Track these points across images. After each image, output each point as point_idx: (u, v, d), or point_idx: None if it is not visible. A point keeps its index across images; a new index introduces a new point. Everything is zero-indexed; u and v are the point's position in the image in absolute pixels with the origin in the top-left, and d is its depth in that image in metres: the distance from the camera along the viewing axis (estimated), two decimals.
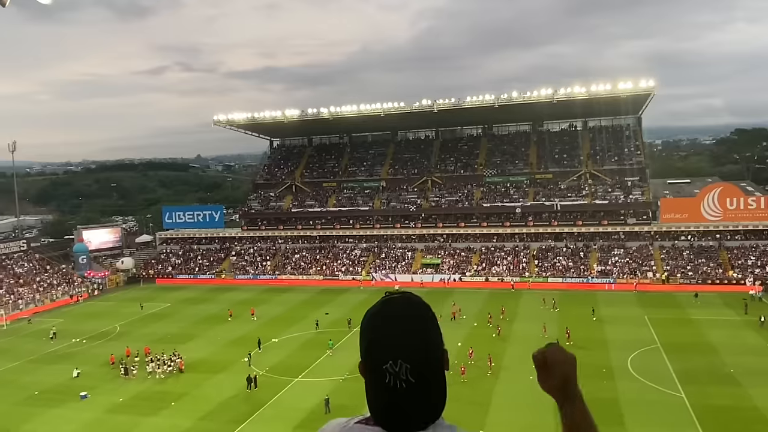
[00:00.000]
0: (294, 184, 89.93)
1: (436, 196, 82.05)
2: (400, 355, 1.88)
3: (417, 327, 1.95)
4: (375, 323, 1.96)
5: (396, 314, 1.96)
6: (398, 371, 1.87)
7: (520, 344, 45.38)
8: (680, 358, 41.05)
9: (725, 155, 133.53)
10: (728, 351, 42.26)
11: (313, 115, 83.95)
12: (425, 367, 1.91)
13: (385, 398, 1.90)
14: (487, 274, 71.33)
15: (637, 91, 71.17)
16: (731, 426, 30.54)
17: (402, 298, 2.01)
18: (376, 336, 1.94)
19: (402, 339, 1.91)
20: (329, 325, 53.61)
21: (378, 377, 1.90)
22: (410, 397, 1.88)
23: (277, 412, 35.17)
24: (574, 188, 77.30)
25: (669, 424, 31.35)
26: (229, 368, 43.43)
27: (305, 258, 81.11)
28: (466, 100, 77.79)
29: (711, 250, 68.25)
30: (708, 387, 35.81)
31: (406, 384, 1.87)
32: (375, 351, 1.92)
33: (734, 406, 32.95)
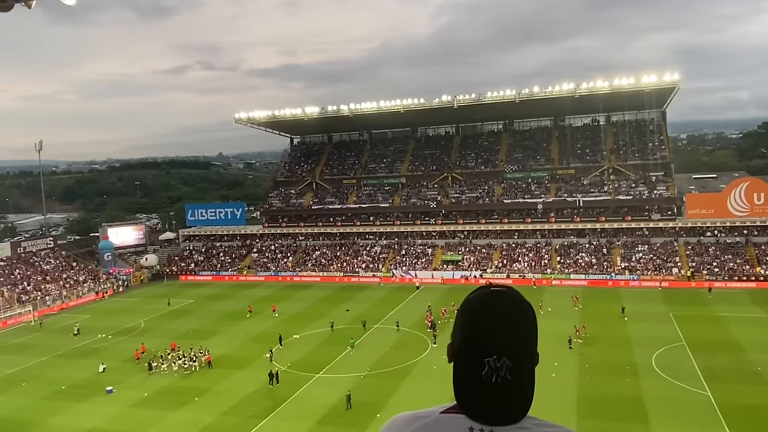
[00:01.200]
0: (314, 181, 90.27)
1: (457, 193, 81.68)
2: (505, 352, 1.88)
3: (523, 325, 1.95)
4: (484, 313, 1.94)
5: (505, 309, 1.95)
6: (499, 366, 1.86)
7: (541, 341, 44.93)
8: (706, 355, 40.34)
9: (752, 149, 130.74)
10: (755, 349, 41.42)
11: (332, 112, 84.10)
12: (524, 366, 1.92)
13: (478, 390, 1.90)
14: (508, 270, 70.84)
15: (662, 85, 69.95)
16: (760, 425, 29.93)
17: (510, 293, 2.00)
18: (483, 327, 1.92)
19: (509, 336, 1.90)
20: (349, 323, 53.74)
21: (476, 368, 1.89)
22: (504, 392, 1.88)
23: (298, 408, 35.39)
24: (596, 184, 76.34)
25: (694, 422, 30.85)
26: (251, 364, 43.80)
27: (326, 255, 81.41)
28: (486, 96, 77.22)
29: (738, 246, 66.91)
30: (734, 385, 35.15)
31: (502, 380, 1.87)
32: (480, 342, 1.90)
33: (762, 405, 32.30)
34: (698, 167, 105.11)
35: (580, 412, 32.70)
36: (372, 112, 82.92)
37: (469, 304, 1.99)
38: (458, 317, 2.00)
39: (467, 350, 1.93)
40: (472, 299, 2.00)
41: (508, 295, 1.99)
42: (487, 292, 2.00)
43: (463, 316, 1.98)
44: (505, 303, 1.97)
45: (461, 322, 1.98)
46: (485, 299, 1.98)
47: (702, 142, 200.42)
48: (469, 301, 2.00)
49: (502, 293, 1.99)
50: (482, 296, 1.99)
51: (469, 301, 2.00)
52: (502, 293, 1.99)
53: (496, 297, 1.98)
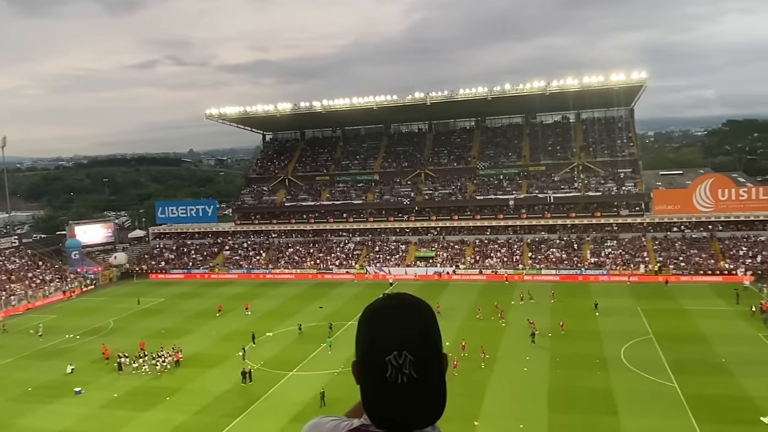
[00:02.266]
0: (287, 178, 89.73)
1: (430, 189, 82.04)
2: (405, 347, 1.84)
3: (419, 321, 1.93)
4: (377, 316, 1.93)
5: (399, 308, 1.94)
6: (402, 363, 1.82)
7: (513, 336, 45.58)
8: (673, 348, 41.35)
9: (717, 147, 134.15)
10: (720, 341, 42.60)
11: (305, 108, 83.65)
12: (427, 361, 1.87)
13: (385, 395, 1.84)
14: (480, 266, 71.49)
15: (630, 83, 71.29)
16: (724, 415, 30.80)
17: (403, 295, 2.01)
18: (378, 328, 1.90)
19: (405, 331, 1.88)
20: (322, 319, 53.62)
21: (379, 371, 1.84)
22: (411, 393, 1.83)
23: (272, 406, 35.22)
24: (567, 180, 77.48)
25: (662, 413, 31.60)
26: (223, 362, 43.42)
27: (299, 252, 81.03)
28: (458, 93, 77.69)
29: (703, 241, 68.67)
30: (700, 377, 36.11)
31: (408, 379, 1.82)
32: (377, 343, 1.87)
33: (726, 396, 33.23)
34: (665, 164, 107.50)
35: (551, 405, 33.22)
36: (345, 108, 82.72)
37: (365, 311, 1.97)
38: (357, 331, 1.96)
39: (369, 356, 1.89)
40: (368, 307, 1.98)
41: (401, 297, 1.99)
42: (382, 298, 2.00)
43: (360, 327, 1.96)
44: (399, 303, 1.96)
45: (360, 330, 1.95)
46: (379, 303, 1.98)
47: (669, 140, 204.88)
48: (366, 309, 1.98)
49: (397, 296, 1.99)
50: (376, 302, 1.99)
51: (366, 309, 1.98)
52: (397, 296, 1.99)
53: (389, 299, 1.99)
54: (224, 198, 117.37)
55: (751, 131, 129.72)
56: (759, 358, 38.88)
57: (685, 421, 30.43)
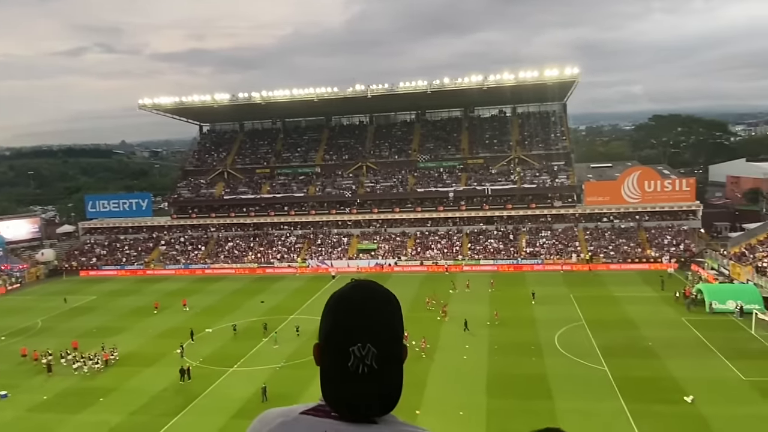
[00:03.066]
0: (226, 170, 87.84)
1: (371, 182, 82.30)
2: (369, 339, 1.85)
3: (386, 314, 1.94)
4: (344, 305, 1.92)
5: (366, 298, 1.94)
6: (364, 355, 1.84)
7: (454, 326, 46.53)
8: (603, 333, 43.31)
9: (644, 140, 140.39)
10: (647, 325, 44.95)
11: (244, 99, 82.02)
12: (390, 354, 1.89)
13: (344, 383, 1.86)
14: (421, 258, 72.44)
15: (563, 79, 73.69)
16: (650, 396, 32.61)
17: (371, 284, 2.00)
18: (344, 317, 1.90)
19: (371, 323, 1.89)
20: (264, 314, 53.00)
21: (341, 360, 1.85)
22: (371, 383, 1.85)
23: (212, 403, 34.63)
24: (504, 173, 79.45)
25: (593, 395, 33.13)
26: (160, 360, 42.28)
27: (239, 246, 79.64)
28: (399, 86, 78.11)
29: (631, 231, 72.03)
30: (628, 360, 38.02)
31: (368, 369, 1.84)
32: (342, 332, 1.88)
33: (653, 377, 35.16)
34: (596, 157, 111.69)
35: (490, 391, 34.19)
36: (285, 100, 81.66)
37: (332, 299, 1.97)
38: (323, 314, 1.97)
39: (332, 343, 1.90)
40: (334, 294, 1.97)
41: (369, 286, 1.98)
42: (348, 286, 1.99)
43: (326, 311, 1.96)
44: (367, 293, 1.96)
45: (325, 317, 1.95)
46: (347, 291, 1.96)
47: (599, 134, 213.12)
48: (332, 296, 1.97)
49: (363, 284, 1.98)
50: (343, 289, 1.98)
51: (332, 296, 1.97)
52: (363, 284, 1.98)
53: (357, 288, 1.97)
54: (159, 191, 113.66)
55: (675, 125, 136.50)
56: (682, 341, 41.29)
57: (615, 403, 32.02)
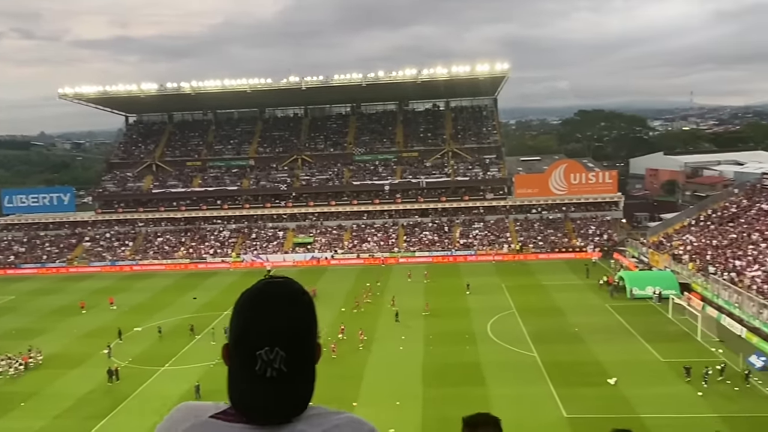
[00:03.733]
0: (154, 163, 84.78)
1: (307, 175, 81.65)
2: (278, 342, 1.77)
3: (297, 315, 1.85)
4: (253, 306, 1.83)
5: (276, 299, 1.84)
6: (272, 359, 1.75)
7: (390, 317, 47.00)
8: (533, 320, 44.96)
9: (570, 134, 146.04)
10: (573, 312, 46.99)
11: (173, 89, 79.37)
12: (300, 357, 1.81)
13: (252, 387, 1.78)
14: (358, 251, 72.64)
15: (494, 74, 75.53)
16: (577, 379, 34.16)
17: (283, 282, 1.89)
18: (253, 319, 1.81)
19: (281, 325, 1.80)
20: (197, 311, 51.73)
21: (248, 364, 1.77)
22: (280, 387, 1.77)
23: (142, 404, 33.57)
24: (438, 166, 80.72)
25: (524, 380, 34.40)
26: (86, 362, 40.57)
27: (169, 241, 77.19)
28: (334, 79, 77.79)
29: (558, 222, 74.93)
30: (556, 345, 39.64)
31: (277, 373, 1.76)
32: (250, 335, 1.79)
33: (579, 361, 36.84)
34: (525, 150, 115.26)
35: (426, 380, 34.84)
36: (216, 90, 79.64)
37: (240, 299, 1.87)
38: (232, 314, 1.87)
39: (240, 346, 1.81)
40: (244, 293, 1.87)
41: (281, 285, 1.88)
42: (259, 284, 1.89)
43: (235, 311, 1.86)
44: (278, 292, 1.86)
45: (234, 317, 1.86)
46: (257, 291, 1.87)
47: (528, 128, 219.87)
48: (241, 297, 1.87)
49: (273, 283, 1.88)
50: (253, 288, 1.88)
51: (241, 297, 1.87)
52: (273, 283, 1.88)
53: (268, 287, 1.87)
54: (83, 185, 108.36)
55: (599, 120, 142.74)
56: (606, 326, 43.45)
57: (544, 387, 33.38)
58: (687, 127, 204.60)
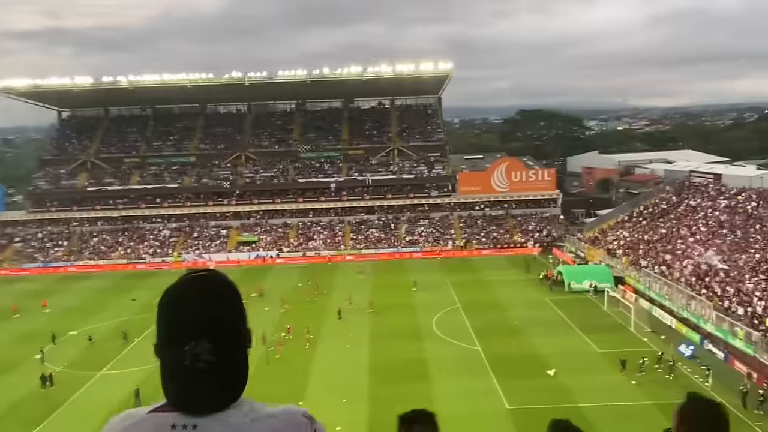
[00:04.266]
0: (89, 160, 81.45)
1: (251, 172, 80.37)
2: (203, 336, 1.79)
3: (221, 306, 1.87)
4: (175, 302, 1.86)
5: (198, 292, 1.87)
6: (199, 352, 1.78)
7: (336, 315, 46.93)
8: (476, 315, 45.92)
9: (511, 133, 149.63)
10: (514, 306, 48.30)
11: (109, 83, 76.53)
12: (228, 347, 1.84)
13: (183, 380, 1.81)
14: (304, 249, 72.15)
15: (437, 73, 76.51)
16: (518, 371, 35.15)
17: (205, 276, 1.91)
18: (176, 315, 1.84)
19: (205, 318, 1.82)
20: (135, 313, 50.14)
21: (177, 358, 1.79)
22: (211, 378, 1.80)
23: (78, 411, 32.32)
24: (383, 163, 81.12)
25: (468, 374, 35.14)
26: (17, 368, 38.69)
27: (106, 241, 74.40)
28: (278, 75, 76.92)
29: (500, 219, 76.70)
30: (499, 339, 40.67)
31: (206, 365, 1.78)
32: (175, 331, 1.82)
33: (520, 354, 37.93)
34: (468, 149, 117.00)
35: (372, 377, 35.04)
36: (155, 85, 77.26)
37: (163, 296, 1.88)
38: (157, 310, 1.88)
39: (167, 342, 1.83)
40: (168, 288, 1.89)
41: (202, 278, 1.90)
42: (183, 279, 1.91)
43: (159, 308, 1.87)
44: (199, 286, 1.88)
45: (158, 313, 1.87)
46: (178, 286, 1.88)
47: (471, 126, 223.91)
48: (164, 293, 1.89)
49: (195, 278, 1.90)
50: (175, 284, 1.89)
51: (164, 293, 1.88)
52: (195, 278, 1.90)
53: (190, 282, 1.89)
54: (12, 183, 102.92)
55: (539, 120, 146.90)
56: (545, 319, 44.89)
57: (488, 380, 34.21)
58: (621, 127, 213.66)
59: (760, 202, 52.15)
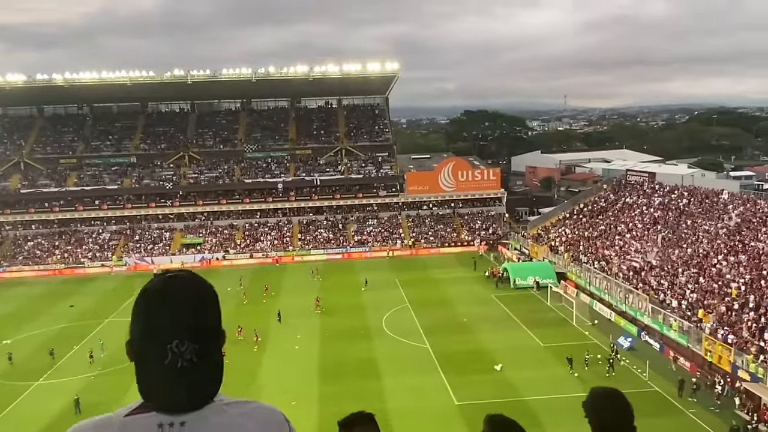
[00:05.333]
0: (22, 160, 77.61)
1: (195, 173, 78.53)
2: (187, 335, 1.82)
3: (203, 306, 1.90)
4: (157, 301, 1.86)
5: (182, 292, 1.88)
6: (183, 351, 1.80)
7: (285, 316, 46.53)
8: (425, 313, 46.45)
9: (457, 133, 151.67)
10: (462, 303, 49.10)
11: (43, 81, 73.27)
12: (208, 345, 1.87)
13: (163, 380, 1.81)
14: (251, 250, 71.08)
15: (384, 73, 76.90)
16: (466, 367, 35.80)
17: (185, 275, 1.94)
18: (161, 313, 1.84)
19: (187, 317, 1.84)
20: (74, 320, 48.18)
21: (158, 358, 1.80)
22: (191, 377, 1.82)
23: (13, 423, 30.88)
24: (331, 163, 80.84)
25: (418, 371, 35.53)
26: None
27: (41, 245, 71.14)
28: (222, 73, 75.56)
29: (447, 217, 77.76)
30: (447, 336, 41.28)
31: (188, 363, 1.80)
32: (157, 330, 1.82)
33: (468, 350, 38.63)
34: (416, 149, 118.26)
35: (322, 378, 34.95)
36: (93, 83, 74.54)
37: (144, 293, 1.89)
38: (134, 309, 1.89)
39: (147, 341, 1.84)
40: (146, 288, 1.90)
41: (183, 278, 1.92)
42: (161, 279, 1.92)
43: (138, 307, 1.88)
44: (181, 286, 1.90)
45: (137, 313, 1.88)
46: (159, 285, 1.90)
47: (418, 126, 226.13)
48: (144, 291, 1.90)
49: (176, 277, 1.92)
50: (157, 283, 1.91)
51: (145, 291, 1.90)
52: (176, 277, 1.92)
53: (171, 281, 1.90)
54: None
55: (483, 120, 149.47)
56: (492, 315, 45.86)
57: (436, 377, 34.69)
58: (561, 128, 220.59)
59: (691, 199, 54.89)
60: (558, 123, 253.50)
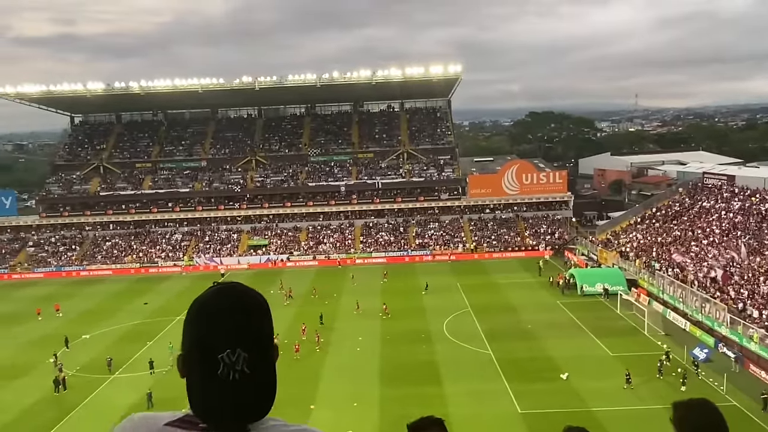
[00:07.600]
0: (102, 165, 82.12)
1: (261, 176, 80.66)
2: (239, 344, 1.78)
3: (254, 317, 1.86)
4: (209, 311, 1.83)
5: (233, 302, 1.85)
6: (235, 361, 1.76)
7: (345, 319, 46.93)
8: (487, 318, 45.68)
9: (521, 135, 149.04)
10: (526, 309, 47.98)
11: (121, 89, 77.10)
12: (262, 357, 1.83)
13: (214, 390, 1.77)
14: (314, 252, 72.22)
15: (447, 76, 76.39)
16: (530, 375, 34.90)
17: (235, 287, 1.91)
18: (212, 323, 1.81)
19: (240, 328, 1.81)
20: (148, 317, 50.37)
21: (209, 368, 1.76)
22: (243, 389, 1.77)
23: (91, 414, 32.51)
24: (393, 167, 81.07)
25: (479, 378, 34.91)
26: (31, 372, 38.98)
27: (118, 245, 74.92)
28: (288, 79, 77.16)
29: (511, 221, 76.36)
30: (510, 342, 40.40)
31: (240, 375, 1.76)
32: (210, 340, 1.79)
33: (532, 357, 37.66)
34: (478, 151, 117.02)
35: (383, 381, 34.94)
36: (167, 90, 77.77)
37: (194, 306, 1.87)
38: (185, 322, 1.87)
39: (199, 353, 1.80)
40: (196, 301, 1.87)
41: (233, 289, 1.89)
42: (211, 291, 1.90)
43: (190, 320, 1.86)
44: (232, 297, 1.87)
45: (189, 325, 1.85)
46: (210, 296, 1.87)
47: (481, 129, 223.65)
48: (194, 304, 1.87)
49: (227, 288, 1.90)
50: (206, 295, 1.89)
51: (194, 303, 1.87)
52: (227, 288, 1.90)
53: (221, 292, 1.88)
54: (25, 188, 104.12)
55: (549, 122, 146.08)
56: (557, 322, 44.55)
57: (499, 383, 33.98)
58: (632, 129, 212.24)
59: None
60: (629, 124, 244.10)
